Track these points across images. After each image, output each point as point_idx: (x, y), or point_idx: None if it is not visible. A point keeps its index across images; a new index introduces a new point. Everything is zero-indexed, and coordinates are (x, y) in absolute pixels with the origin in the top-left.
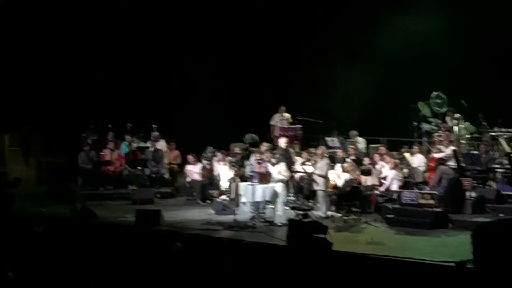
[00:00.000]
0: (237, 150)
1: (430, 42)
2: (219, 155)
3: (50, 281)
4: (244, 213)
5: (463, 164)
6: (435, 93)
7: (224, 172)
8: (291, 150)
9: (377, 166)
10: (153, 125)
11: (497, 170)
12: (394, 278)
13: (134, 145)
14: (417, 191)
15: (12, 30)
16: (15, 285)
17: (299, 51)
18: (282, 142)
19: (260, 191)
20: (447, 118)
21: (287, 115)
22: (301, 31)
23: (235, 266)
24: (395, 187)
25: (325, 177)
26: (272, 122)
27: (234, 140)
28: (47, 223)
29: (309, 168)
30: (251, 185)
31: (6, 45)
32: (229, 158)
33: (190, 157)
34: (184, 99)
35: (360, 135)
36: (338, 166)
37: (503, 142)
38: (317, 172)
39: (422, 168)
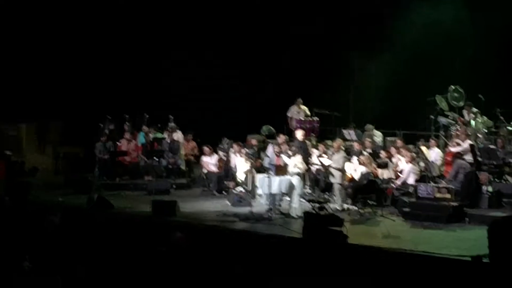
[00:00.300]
0: (253, 142)
1: (449, 34)
2: (235, 146)
3: (66, 271)
4: (260, 205)
5: (480, 159)
6: (452, 86)
7: (240, 164)
8: (307, 142)
9: (394, 160)
10: (170, 116)
11: None
12: (410, 271)
13: (151, 135)
14: (434, 185)
15: (31, 19)
16: (32, 275)
17: (317, 42)
18: (299, 134)
19: (277, 183)
20: (464, 112)
21: (304, 107)
22: (318, 22)
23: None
24: (411, 180)
25: (342, 170)
26: (289, 114)
27: (251, 132)
28: (64, 212)
29: (326, 161)
30: (268, 177)
31: (24, 34)
32: (246, 150)
33: (205, 149)
34: (201, 90)
35: (377, 128)
36: (354, 159)
37: None
38: (333, 164)
39: (438, 162)
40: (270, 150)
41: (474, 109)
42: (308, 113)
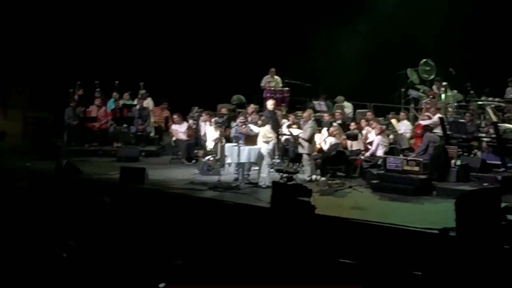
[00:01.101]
0: (224, 111)
1: (422, 6)
2: (205, 115)
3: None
4: (229, 174)
5: (449, 132)
6: (423, 60)
7: (210, 133)
8: (278, 112)
9: (363, 131)
10: (141, 83)
11: (482, 139)
12: (377, 243)
13: (121, 102)
14: (402, 157)
15: None
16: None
17: (290, 11)
18: (269, 104)
19: (246, 152)
20: (434, 87)
21: (277, 77)
22: None
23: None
24: (380, 152)
25: (311, 140)
26: (262, 84)
27: (222, 101)
28: (32, 178)
29: (295, 131)
30: (237, 146)
31: None
32: (216, 118)
33: (175, 117)
34: (173, 58)
35: (348, 100)
36: (324, 130)
37: (490, 111)
38: (302, 135)
39: (408, 135)
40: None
41: (444, 83)
42: (281, 84)
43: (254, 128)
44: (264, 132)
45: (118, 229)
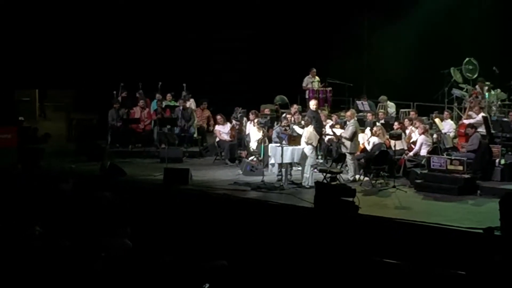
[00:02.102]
0: (266, 111)
1: (466, 5)
2: (250, 115)
3: (76, 237)
4: (272, 174)
5: (492, 131)
6: (467, 59)
7: (253, 133)
8: (321, 112)
9: (407, 131)
10: (183, 84)
11: None
12: (421, 243)
13: (164, 103)
14: (446, 156)
15: None
16: (43, 240)
17: (332, 12)
18: (312, 104)
19: (289, 152)
20: (477, 86)
21: (317, 77)
22: None
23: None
24: (424, 152)
25: (352, 138)
26: (303, 84)
27: (265, 102)
28: (76, 179)
29: (338, 131)
30: (280, 146)
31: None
32: (258, 119)
33: (219, 117)
34: (217, 59)
35: (391, 100)
36: (367, 130)
37: None
38: (343, 133)
39: (451, 134)
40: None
41: (487, 83)
42: (321, 83)
43: (298, 130)
44: (308, 133)
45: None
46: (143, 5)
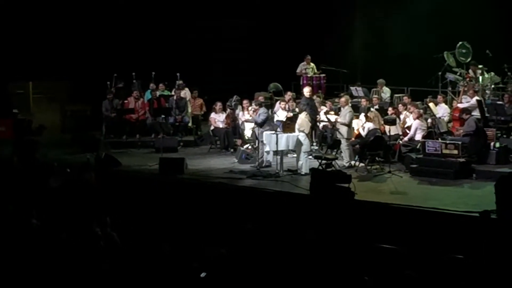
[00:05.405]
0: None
1: None
2: (244, 103)
3: (74, 228)
4: (267, 162)
5: (487, 114)
6: (460, 42)
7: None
8: (315, 99)
9: (401, 116)
10: (177, 74)
11: None
12: (417, 227)
13: (158, 93)
14: (441, 141)
15: None
16: (40, 233)
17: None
18: (306, 91)
19: (284, 140)
20: (470, 70)
21: (312, 64)
22: None
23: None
24: (418, 137)
25: (348, 125)
26: (298, 71)
27: (259, 90)
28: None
29: (333, 117)
30: (275, 133)
31: None
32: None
33: (218, 105)
34: (209, 48)
35: (385, 85)
36: (362, 116)
37: None
38: (340, 120)
39: (446, 118)
40: (277, 107)
41: (480, 66)
42: (316, 70)
43: (280, 114)
44: (299, 121)
45: (158, 219)
46: None
